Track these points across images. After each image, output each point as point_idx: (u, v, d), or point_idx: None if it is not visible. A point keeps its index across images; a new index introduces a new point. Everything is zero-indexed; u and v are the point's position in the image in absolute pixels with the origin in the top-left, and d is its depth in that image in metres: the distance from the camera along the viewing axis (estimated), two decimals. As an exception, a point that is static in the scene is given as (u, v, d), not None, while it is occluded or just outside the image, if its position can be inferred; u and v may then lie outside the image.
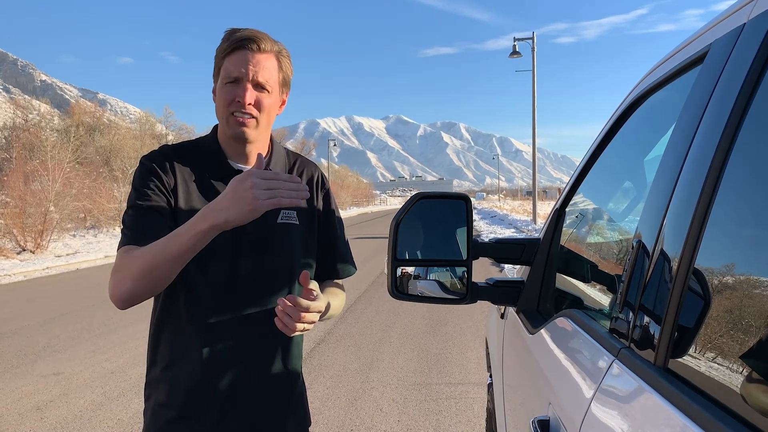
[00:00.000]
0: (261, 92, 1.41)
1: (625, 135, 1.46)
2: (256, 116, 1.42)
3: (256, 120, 1.42)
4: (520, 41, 22.85)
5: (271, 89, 1.43)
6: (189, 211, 1.42)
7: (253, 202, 1.22)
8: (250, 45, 1.39)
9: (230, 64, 1.40)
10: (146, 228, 1.36)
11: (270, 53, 1.43)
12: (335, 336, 6.43)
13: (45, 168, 20.69)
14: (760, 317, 0.61)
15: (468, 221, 1.54)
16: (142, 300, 1.33)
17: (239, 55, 1.39)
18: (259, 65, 1.40)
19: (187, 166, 1.47)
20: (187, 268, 1.41)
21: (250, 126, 1.42)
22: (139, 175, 1.44)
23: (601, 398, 0.89)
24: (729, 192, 0.72)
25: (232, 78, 1.39)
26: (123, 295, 1.31)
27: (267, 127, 1.48)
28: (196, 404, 1.43)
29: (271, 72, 1.42)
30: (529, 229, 22.67)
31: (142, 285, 1.29)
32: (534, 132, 23.66)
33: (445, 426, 3.90)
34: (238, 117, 1.40)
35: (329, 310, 1.49)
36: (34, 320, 7.63)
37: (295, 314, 1.29)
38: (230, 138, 1.46)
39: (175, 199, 1.42)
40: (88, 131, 35.42)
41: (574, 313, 1.26)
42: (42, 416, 4.20)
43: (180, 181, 1.44)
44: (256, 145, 1.49)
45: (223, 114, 1.43)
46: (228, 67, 1.40)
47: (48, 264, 14.83)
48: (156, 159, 1.45)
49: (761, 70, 0.72)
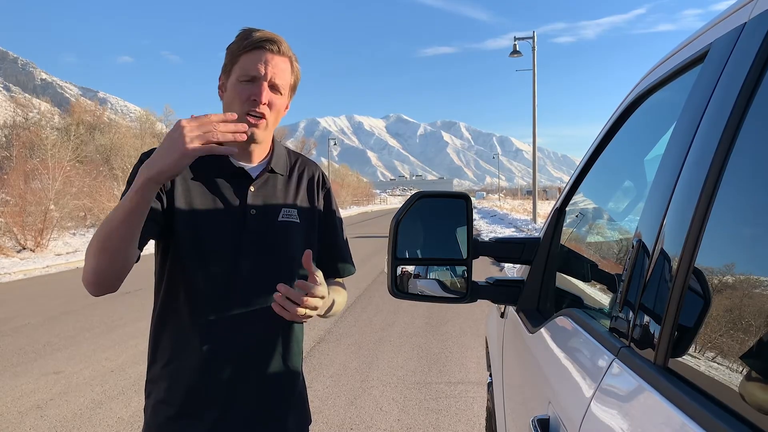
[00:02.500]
0: (275, 93, 1.43)
1: (626, 134, 1.46)
2: (267, 116, 1.43)
3: (266, 121, 1.44)
4: (521, 40, 22.83)
5: (284, 92, 1.46)
6: (189, 210, 1.42)
7: (182, 147, 1.17)
8: (270, 46, 1.41)
9: (248, 63, 1.41)
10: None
11: (286, 57, 1.45)
12: (335, 335, 6.43)
13: (45, 166, 20.68)
14: (760, 317, 0.61)
15: (468, 220, 1.54)
16: (109, 280, 1.29)
17: (258, 54, 1.41)
18: (277, 67, 1.42)
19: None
20: (188, 266, 1.42)
21: (260, 127, 1.43)
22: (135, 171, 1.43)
23: (601, 397, 0.89)
24: (729, 191, 0.72)
25: (250, 76, 1.40)
26: (88, 276, 1.29)
27: (273, 128, 1.50)
28: (196, 402, 1.43)
29: (286, 75, 1.45)
30: (529, 228, 22.67)
31: (102, 260, 1.25)
32: (534, 131, 23.65)
33: (445, 425, 3.90)
34: (252, 117, 1.41)
35: (333, 306, 1.50)
36: (34, 319, 7.63)
37: (297, 297, 1.28)
38: None
39: (172, 197, 1.42)
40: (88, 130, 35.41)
41: (574, 313, 1.26)
42: (42, 414, 4.20)
43: (179, 179, 1.44)
44: (261, 144, 1.50)
45: (238, 110, 1.42)
46: (246, 65, 1.41)
47: (48, 262, 14.83)
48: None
49: (762, 69, 0.72)
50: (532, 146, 24.73)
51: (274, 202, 1.50)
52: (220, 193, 1.46)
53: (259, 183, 1.49)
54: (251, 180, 1.48)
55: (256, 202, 1.47)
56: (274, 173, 1.52)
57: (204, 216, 1.43)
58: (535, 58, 23.09)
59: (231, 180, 1.47)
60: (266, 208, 1.48)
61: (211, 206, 1.45)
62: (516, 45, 22.53)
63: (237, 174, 1.48)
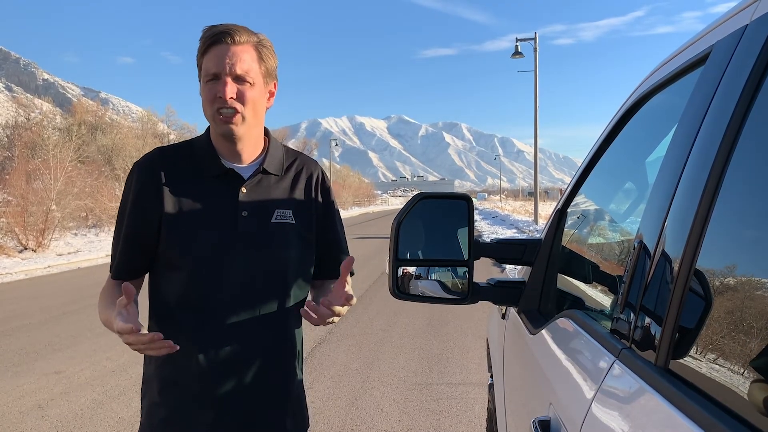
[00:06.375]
0: (242, 85, 1.39)
1: (627, 136, 1.46)
2: (241, 111, 1.39)
3: (241, 115, 1.40)
4: (522, 41, 22.80)
5: (253, 81, 1.40)
6: (179, 214, 1.43)
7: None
8: (224, 39, 1.37)
9: (208, 61, 1.38)
10: (121, 258, 1.47)
11: (247, 44, 1.40)
12: (336, 336, 6.43)
13: (47, 167, 20.70)
14: (761, 318, 0.61)
15: (469, 221, 1.54)
16: None
17: (215, 50, 1.38)
18: (236, 57, 1.38)
19: (180, 167, 1.47)
20: (179, 269, 1.42)
21: (236, 122, 1.40)
22: (126, 187, 1.49)
23: (602, 399, 0.89)
24: (730, 193, 0.72)
25: (211, 74, 1.38)
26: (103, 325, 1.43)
27: (256, 122, 1.46)
28: (191, 404, 1.42)
29: (250, 63, 1.40)
30: (530, 229, 22.65)
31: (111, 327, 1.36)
32: (536, 132, 23.61)
33: (446, 426, 3.89)
34: (223, 115, 1.39)
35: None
36: (35, 319, 7.64)
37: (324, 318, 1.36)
38: (220, 136, 1.44)
39: (162, 205, 1.43)
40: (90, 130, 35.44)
41: (575, 314, 1.26)
42: (43, 414, 4.21)
43: (170, 185, 1.44)
44: (248, 142, 1.47)
45: (209, 113, 1.41)
46: (206, 64, 1.39)
47: (49, 263, 14.85)
48: (144, 166, 1.47)
49: (763, 71, 0.72)
50: (534, 147, 24.69)
51: (268, 203, 1.47)
52: (211, 195, 1.44)
53: (251, 184, 1.46)
54: (243, 181, 1.46)
55: (248, 203, 1.45)
56: (268, 173, 1.50)
57: (193, 219, 1.42)
58: (536, 59, 23.07)
59: (221, 182, 1.45)
60: (259, 210, 1.46)
61: (200, 209, 1.43)
62: (518, 46, 22.49)
63: (227, 175, 1.45)
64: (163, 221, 1.42)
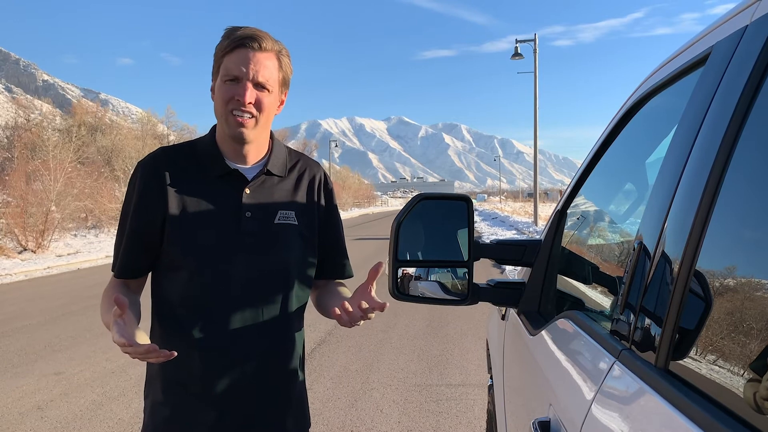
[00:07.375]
0: (261, 91, 1.40)
1: (627, 137, 1.46)
2: (256, 116, 1.41)
3: (255, 119, 1.41)
4: (522, 43, 22.81)
5: (272, 89, 1.42)
6: (182, 214, 1.43)
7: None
8: (251, 44, 1.38)
9: (230, 63, 1.38)
10: (124, 257, 1.47)
11: (271, 52, 1.41)
12: (336, 337, 6.42)
13: (47, 167, 20.70)
14: (761, 320, 0.61)
15: (469, 222, 1.54)
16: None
17: (240, 53, 1.38)
18: (260, 64, 1.39)
19: (183, 167, 1.47)
20: (182, 269, 1.42)
21: (249, 126, 1.41)
22: (130, 187, 1.49)
23: (602, 400, 0.89)
24: (730, 194, 0.72)
25: (232, 76, 1.38)
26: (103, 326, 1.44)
27: (266, 127, 1.47)
28: (193, 404, 1.43)
29: (272, 71, 1.41)
30: (530, 230, 22.65)
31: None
32: (536, 133, 23.62)
33: (446, 427, 3.89)
34: (237, 116, 1.39)
35: None
36: (35, 320, 7.63)
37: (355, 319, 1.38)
38: (229, 138, 1.45)
39: (165, 204, 1.43)
40: (89, 131, 35.46)
41: (575, 315, 1.26)
42: (43, 415, 4.20)
43: (174, 184, 1.44)
44: (254, 145, 1.48)
45: (221, 112, 1.41)
46: (228, 65, 1.39)
47: (49, 264, 14.84)
48: (148, 166, 1.48)
49: (763, 72, 0.72)
50: (534, 148, 24.70)
51: (271, 204, 1.48)
52: (214, 195, 1.45)
53: (254, 185, 1.47)
54: (246, 182, 1.47)
55: (251, 204, 1.46)
56: (271, 174, 1.50)
57: (197, 219, 1.43)
58: (536, 60, 23.07)
59: (225, 182, 1.46)
60: (262, 210, 1.46)
61: (204, 209, 1.44)
62: (517, 47, 22.49)
63: (231, 176, 1.46)
64: (167, 220, 1.42)
